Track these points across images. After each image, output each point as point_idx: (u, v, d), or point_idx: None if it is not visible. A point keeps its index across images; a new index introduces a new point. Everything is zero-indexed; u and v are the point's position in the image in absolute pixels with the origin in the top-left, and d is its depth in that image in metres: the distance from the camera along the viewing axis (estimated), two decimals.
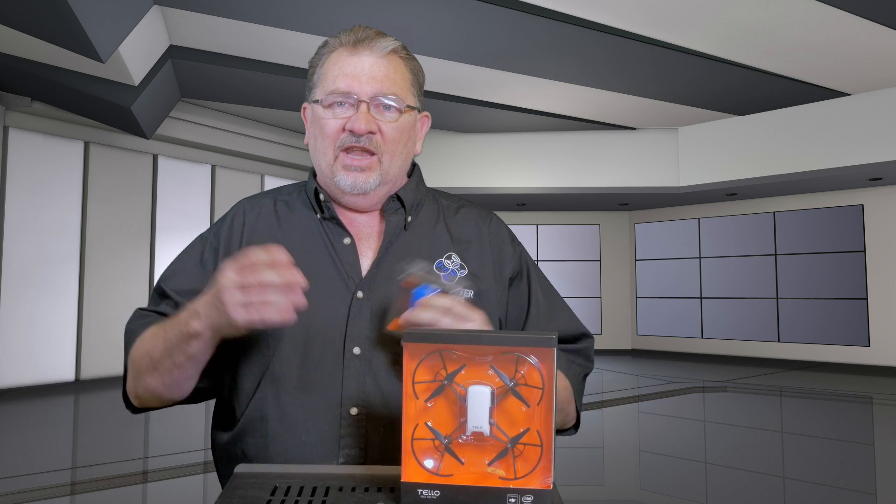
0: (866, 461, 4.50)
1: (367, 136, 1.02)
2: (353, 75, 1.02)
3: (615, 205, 10.43)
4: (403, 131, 1.06)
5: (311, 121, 1.08)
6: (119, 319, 7.44)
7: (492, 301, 1.09)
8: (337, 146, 1.03)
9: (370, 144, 1.02)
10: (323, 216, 1.08)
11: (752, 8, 5.25)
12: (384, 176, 1.05)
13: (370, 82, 1.02)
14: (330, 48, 1.06)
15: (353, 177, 1.03)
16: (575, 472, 4.05)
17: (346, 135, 1.02)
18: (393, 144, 1.04)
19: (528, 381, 0.71)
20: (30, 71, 5.49)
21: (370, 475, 0.84)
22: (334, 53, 1.05)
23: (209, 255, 1.07)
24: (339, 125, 1.03)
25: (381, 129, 1.03)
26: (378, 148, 1.03)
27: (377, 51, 1.03)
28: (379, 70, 1.03)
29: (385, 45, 1.04)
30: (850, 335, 8.73)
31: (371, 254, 1.07)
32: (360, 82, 1.02)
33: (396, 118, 1.04)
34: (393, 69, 1.04)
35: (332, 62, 1.05)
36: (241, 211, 1.12)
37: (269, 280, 0.83)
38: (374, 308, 1.02)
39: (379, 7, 5.16)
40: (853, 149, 7.45)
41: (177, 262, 1.10)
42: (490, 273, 1.11)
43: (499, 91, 7.35)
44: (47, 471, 3.96)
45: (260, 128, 8.75)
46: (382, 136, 1.03)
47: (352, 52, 1.03)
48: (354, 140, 1.02)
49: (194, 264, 1.07)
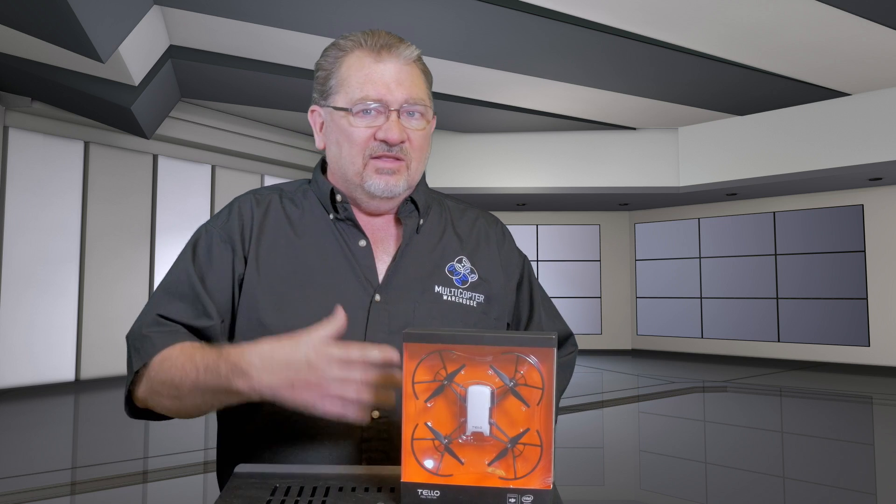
0: (866, 461, 4.49)
1: (399, 146, 1.01)
2: (381, 83, 1.00)
3: (615, 205, 10.42)
4: (427, 138, 1.07)
5: (333, 127, 1.05)
6: (119, 319, 7.44)
7: (501, 305, 1.10)
8: (367, 153, 1.02)
9: (401, 152, 1.02)
10: (337, 217, 1.06)
11: (752, 8, 5.25)
12: (410, 181, 1.05)
13: (399, 90, 1.01)
14: (344, 51, 1.03)
15: (384, 180, 1.02)
16: (575, 472, 4.05)
17: (378, 144, 1.01)
18: (419, 152, 1.05)
19: (528, 381, 0.71)
20: (30, 71, 5.49)
21: (370, 475, 0.84)
22: (352, 57, 1.03)
23: (221, 248, 1.02)
24: (369, 133, 1.01)
25: (409, 137, 1.03)
26: (407, 155, 1.03)
27: (402, 58, 1.02)
28: (406, 77, 1.02)
29: (409, 53, 1.03)
30: (850, 335, 8.73)
31: (386, 257, 1.06)
32: (389, 90, 1.00)
33: (423, 126, 1.04)
34: (416, 76, 1.04)
35: (354, 67, 1.02)
36: (248, 203, 1.08)
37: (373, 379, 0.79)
38: (392, 312, 1.01)
39: (379, 7, 5.15)
40: (853, 149, 7.45)
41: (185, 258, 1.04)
42: (500, 278, 1.11)
43: (499, 91, 7.35)
44: (47, 471, 3.96)
45: (260, 128, 8.75)
46: (411, 143, 1.03)
47: (376, 59, 1.01)
48: (386, 149, 1.01)
49: (204, 259, 1.02)
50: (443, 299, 1.04)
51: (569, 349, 1.17)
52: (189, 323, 0.98)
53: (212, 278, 1.01)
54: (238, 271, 1.02)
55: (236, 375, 0.83)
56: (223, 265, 1.02)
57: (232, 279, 1.01)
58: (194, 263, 1.02)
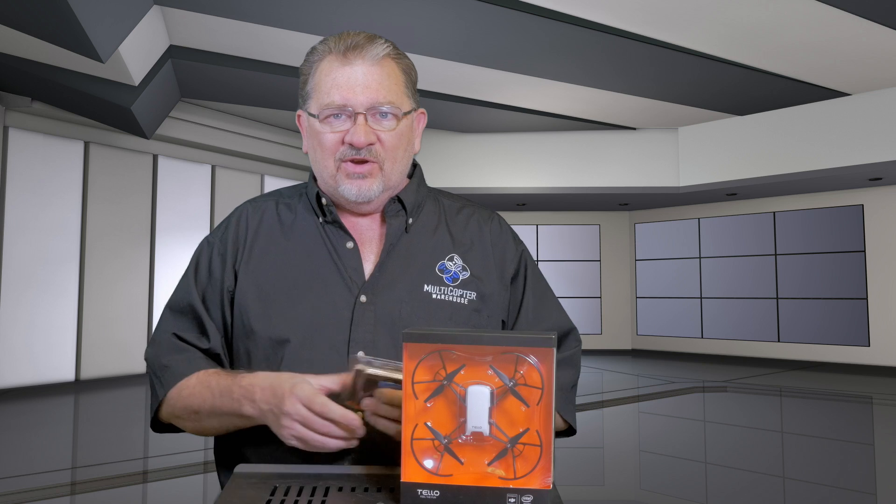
0: (866, 461, 4.49)
1: (367, 148, 1.01)
2: (346, 86, 1.00)
3: (615, 205, 10.43)
4: (402, 137, 1.05)
5: (308, 132, 1.07)
6: (119, 319, 7.44)
7: (495, 303, 1.09)
8: (337, 158, 1.03)
9: (370, 155, 1.02)
10: (325, 220, 1.08)
11: (752, 8, 5.25)
12: (386, 182, 1.04)
13: (365, 92, 1.00)
14: (319, 56, 1.04)
15: (356, 185, 1.02)
16: (575, 472, 4.05)
17: (346, 147, 1.02)
18: (393, 151, 1.04)
19: (528, 381, 0.71)
20: (30, 71, 5.49)
21: (370, 475, 0.84)
22: (324, 62, 1.03)
23: (217, 262, 1.08)
24: (337, 138, 1.02)
25: (379, 138, 1.02)
26: (378, 156, 1.02)
27: (369, 58, 1.01)
28: (373, 78, 1.01)
29: (376, 52, 1.02)
30: (850, 335, 8.73)
31: (373, 257, 1.07)
32: (354, 93, 1.00)
33: (394, 126, 1.03)
34: (386, 75, 1.02)
35: (324, 72, 1.02)
36: (244, 214, 1.12)
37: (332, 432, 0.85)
38: (378, 312, 1.02)
39: (379, 7, 5.15)
40: (853, 149, 7.45)
41: (190, 274, 1.10)
42: (493, 275, 1.10)
43: (499, 91, 7.35)
44: (47, 471, 3.96)
45: (260, 128, 8.75)
46: (382, 144, 1.02)
47: (343, 62, 1.01)
48: (355, 152, 1.01)
49: (205, 274, 1.08)
50: (432, 298, 1.04)
51: (572, 344, 1.13)
52: (195, 344, 1.05)
53: (211, 295, 1.07)
54: (227, 285, 1.06)
55: (246, 401, 0.92)
56: (218, 281, 1.07)
57: (222, 294, 1.07)
58: (196, 281, 1.08)
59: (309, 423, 0.84)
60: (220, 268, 1.07)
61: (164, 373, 1.03)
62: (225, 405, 0.94)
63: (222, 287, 1.06)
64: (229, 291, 1.06)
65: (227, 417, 0.95)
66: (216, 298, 1.06)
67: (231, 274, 1.06)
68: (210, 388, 0.97)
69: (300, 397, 0.85)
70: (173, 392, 1.01)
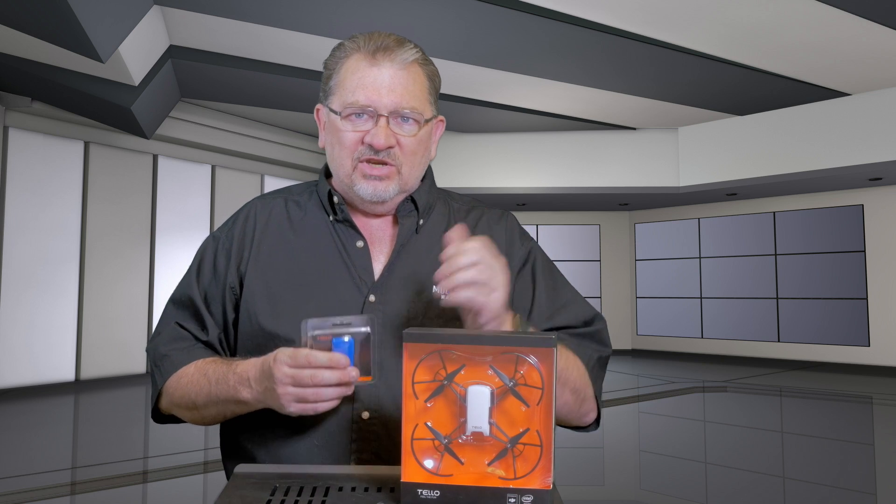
0: (866, 461, 4.50)
1: (386, 151, 1.01)
2: (372, 87, 1.00)
3: (615, 205, 10.43)
4: (422, 143, 1.05)
5: (328, 128, 1.06)
6: (119, 319, 7.44)
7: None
8: (355, 157, 1.02)
9: (389, 157, 1.02)
10: (336, 218, 1.08)
11: (752, 8, 5.25)
12: (402, 185, 1.04)
13: (390, 95, 1.00)
14: (346, 53, 1.03)
15: (372, 185, 1.02)
16: (575, 472, 4.05)
17: (365, 147, 1.01)
18: (411, 156, 1.04)
19: (528, 381, 0.71)
20: (30, 71, 5.49)
21: (370, 475, 0.84)
22: (351, 60, 1.02)
23: (222, 258, 1.08)
24: (357, 137, 1.01)
25: (399, 142, 1.02)
26: (396, 160, 1.02)
27: (398, 62, 1.01)
28: (398, 82, 1.00)
29: (405, 56, 1.01)
30: (850, 335, 8.73)
31: (383, 258, 1.07)
32: (379, 95, 1.00)
33: (415, 131, 1.03)
34: (412, 80, 1.02)
35: (350, 70, 1.02)
36: (253, 211, 1.12)
37: (324, 379, 0.85)
38: (387, 312, 1.02)
39: (379, 7, 5.15)
40: (853, 149, 7.45)
41: (193, 269, 1.10)
42: None
43: (499, 91, 7.35)
44: (47, 471, 3.96)
45: (260, 128, 8.75)
46: (401, 148, 1.02)
47: (371, 62, 1.01)
48: (373, 153, 1.01)
49: (209, 270, 1.08)
50: (440, 299, 1.04)
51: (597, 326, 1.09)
52: (196, 335, 1.07)
53: (212, 291, 1.07)
54: (230, 281, 1.07)
55: (242, 386, 0.93)
56: (221, 277, 1.07)
57: (224, 290, 1.07)
58: (199, 277, 1.09)
59: (298, 379, 0.85)
60: (225, 264, 1.07)
61: (163, 362, 1.04)
62: (222, 392, 0.95)
63: (225, 283, 1.06)
64: (232, 287, 1.06)
65: (225, 404, 0.96)
66: (218, 294, 1.07)
67: (235, 270, 1.06)
68: (207, 376, 0.98)
69: (283, 360, 0.86)
70: (172, 381, 1.02)
